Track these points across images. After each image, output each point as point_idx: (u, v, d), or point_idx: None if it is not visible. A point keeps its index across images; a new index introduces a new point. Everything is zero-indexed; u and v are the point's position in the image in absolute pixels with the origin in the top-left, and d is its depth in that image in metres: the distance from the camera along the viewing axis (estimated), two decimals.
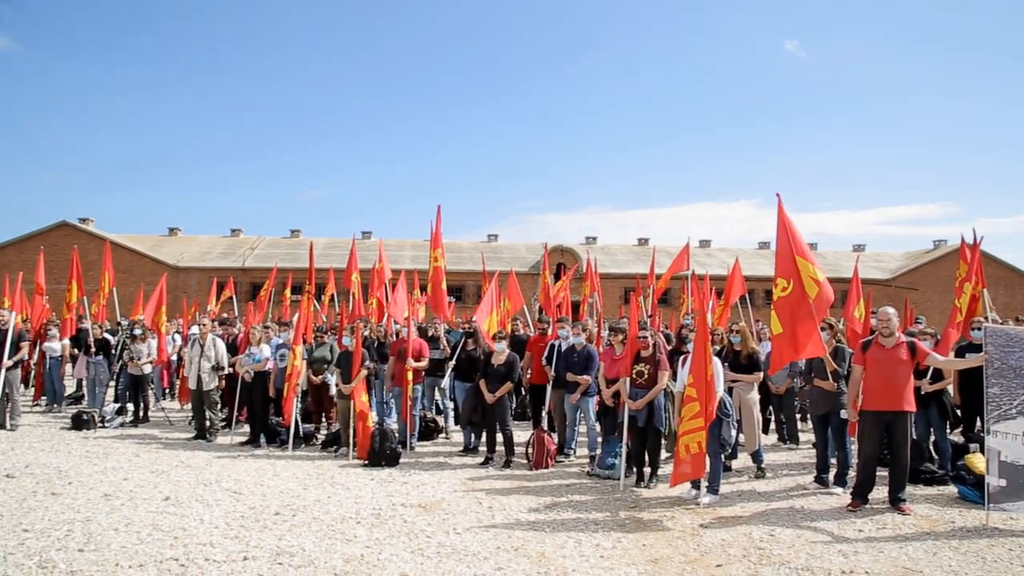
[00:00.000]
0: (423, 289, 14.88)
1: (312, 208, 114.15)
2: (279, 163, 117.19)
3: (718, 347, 8.63)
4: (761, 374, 8.40)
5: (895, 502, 6.76)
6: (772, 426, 10.89)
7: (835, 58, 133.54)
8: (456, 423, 10.91)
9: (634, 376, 7.76)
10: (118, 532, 5.86)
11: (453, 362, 10.06)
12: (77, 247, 17.77)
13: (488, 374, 8.95)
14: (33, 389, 14.80)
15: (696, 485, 7.12)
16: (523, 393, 11.68)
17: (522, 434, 10.02)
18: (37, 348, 13.58)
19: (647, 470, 7.89)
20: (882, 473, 7.03)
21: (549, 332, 10.25)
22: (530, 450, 8.82)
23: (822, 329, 8.00)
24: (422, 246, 43.67)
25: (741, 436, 8.21)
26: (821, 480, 7.71)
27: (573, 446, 9.53)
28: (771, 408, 10.64)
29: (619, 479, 7.81)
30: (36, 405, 14.04)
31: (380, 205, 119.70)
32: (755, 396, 8.33)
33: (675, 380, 7.91)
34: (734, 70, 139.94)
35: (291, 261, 41.02)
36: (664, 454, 8.26)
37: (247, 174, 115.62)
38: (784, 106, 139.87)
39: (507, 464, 8.73)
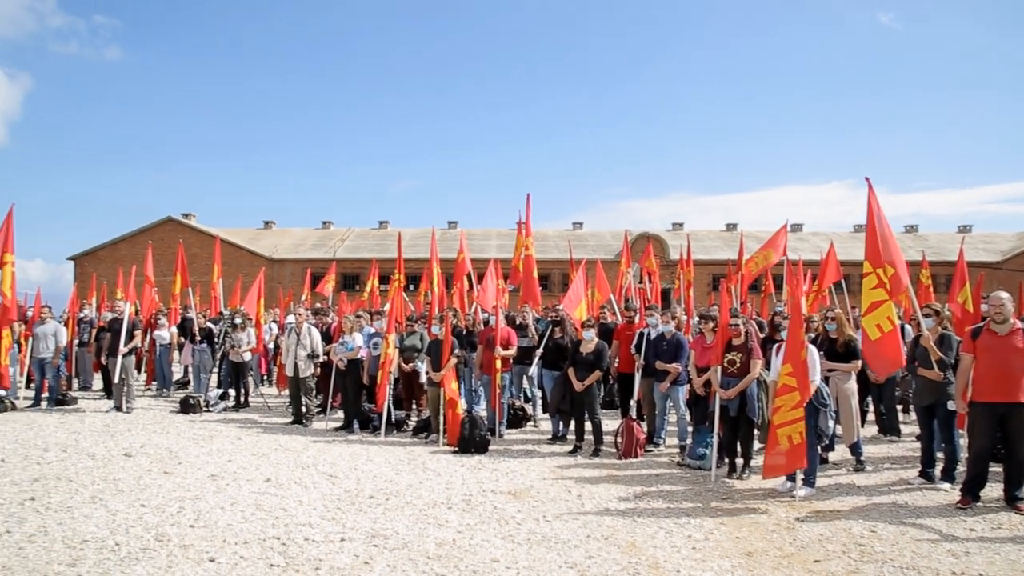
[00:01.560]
0: (506, 278, 14.92)
1: (400, 199, 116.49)
2: (368, 156, 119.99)
3: (812, 334, 8.35)
4: (859, 363, 8.04)
5: (1012, 500, 6.36)
6: (871, 417, 10.46)
7: (932, 30, 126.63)
8: (544, 411, 10.94)
9: (726, 364, 7.60)
10: (224, 510, 6.15)
11: (541, 350, 10.08)
12: (181, 241, 18.63)
13: (576, 362, 8.93)
14: (145, 375, 15.70)
15: (791, 478, 6.90)
16: (611, 382, 11.61)
17: (610, 423, 9.97)
18: (148, 337, 14.36)
19: (739, 461, 7.72)
20: (995, 469, 6.66)
21: (637, 320, 10.15)
22: (619, 439, 8.76)
23: (926, 315, 7.63)
24: (507, 235, 43.86)
25: (838, 427, 7.93)
26: (927, 475, 7.35)
27: (663, 435, 9.42)
28: (870, 398, 10.21)
29: (710, 470, 7.68)
30: (148, 390, 14.90)
31: (466, 195, 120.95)
32: (853, 386, 8.01)
33: (768, 369, 7.71)
34: (824, 44, 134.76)
35: (380, 252, 41.86)
36: (757, 445, 8.08)
37: (337, 167, 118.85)
38: (878, 81, 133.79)
39: (596, 453, 8.71)
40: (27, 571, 4.71)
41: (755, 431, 7.81)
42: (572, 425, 9.29)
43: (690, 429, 8.75)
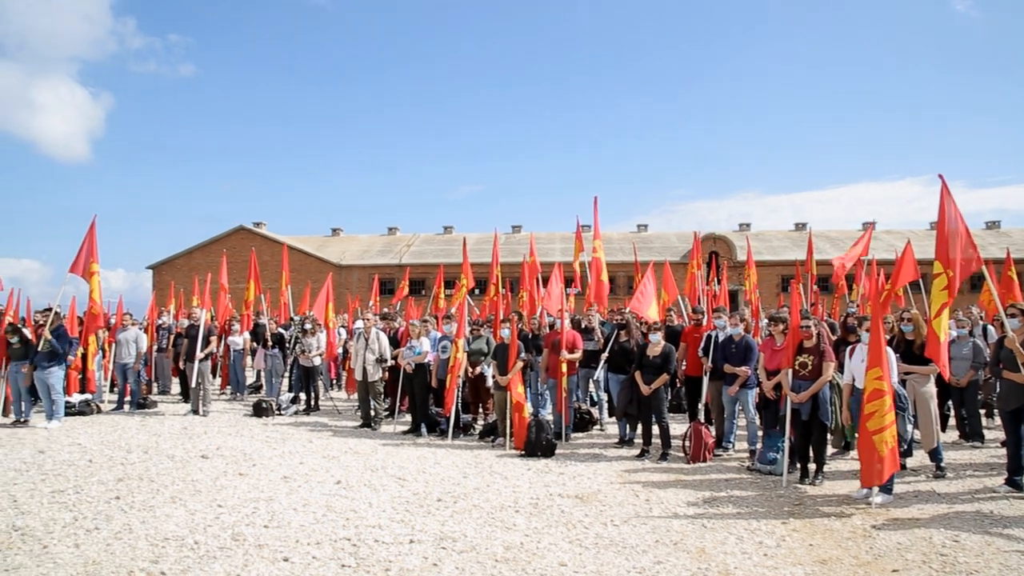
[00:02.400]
0: (569, 282, 14.87)
1: (464, 204, 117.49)
2: (432, 162, 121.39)
3: (887, 336, 8.07)
4: (937, 365, 7.75)
5: None
6: (952, 422, 10.05)
7: (1011, 16, 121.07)
8: (610, 415, 10.87)
9: (797, 367, 7.42)
10: (297, 512, 6.30)
11: (607, 354, 10.01)
12: (254, 249, 19.15)
13: (643, 365, 8.85)
14: (220, 379, 16.22)
15: None
16: (678, 385, 11.46)
17: (678, 427, 9.84)
18: (223, 342, 14.82)
19: (811, 466, 7.51)
20: None
21: (704, 322, 10.00)
22: (687, 443, 8.64)
23: (1011, 315, 7.30)
24: (571, 238, 43.72)
25: (916, 432, 7.65)
26: (1014, 483, 7.00)
27: (732, 440, 9.25)
28: (950, 402, 9.81)
29: (781, 475, 7.50)
30: (222, 393, 15.39)
31: (529, 199, 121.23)
32: (932, 389, 7.71)
33: (841, 372, 7.49)
34: (896, 34, 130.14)
35: (445, 257, 42.28)
36: (830, 450, 7.84)
37: (402, 173, 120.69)
38: (955, 72, 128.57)
39: (663, 457, 8.61)
40: (114, 566, 4.92)
41: (828, 435, 7.60)
42: (639, 429, 9.21)
43: (760, 433, 8.56)
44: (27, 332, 11.46)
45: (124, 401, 13.18)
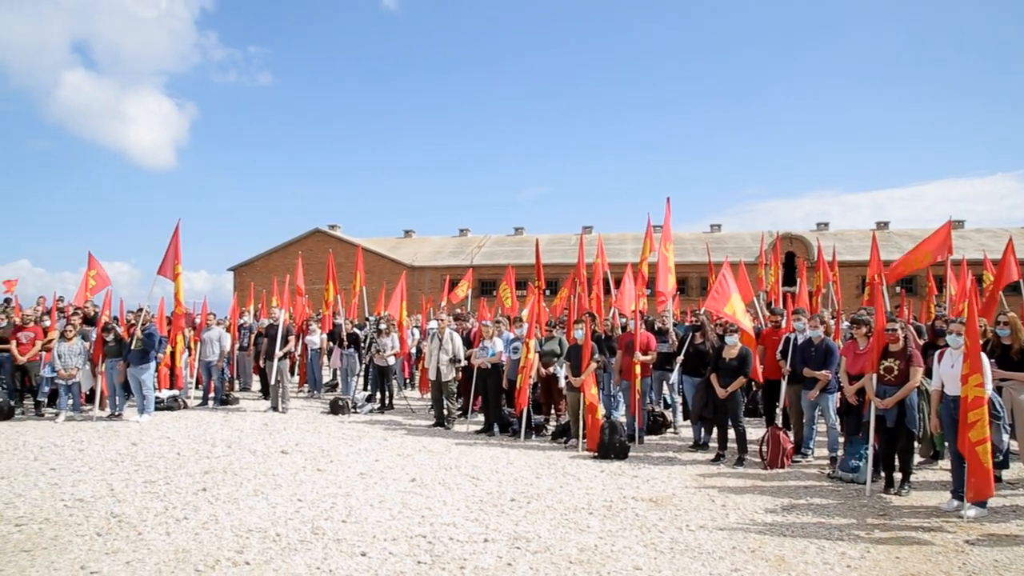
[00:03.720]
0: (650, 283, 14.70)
1: (534, 205, 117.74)
2: (502, 163, 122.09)
3: (981, 341, 7.70)
4: None
5: None
6: None
7: None
8: (684, 418, 10.71)
9: (882, 372, 7.15)
10: (373, 508, 6.42)
11: (682, 356, 9.87)
12: (331, 251, 19.59)
13: (719, 368, 8.70)
14: (298, 377, 16.67)
15: (958, 496, 6.41)
16: (754, 388, 11.20)
17: (754, 431, 9.64)
18: (300, 342, 15.22)
19: (897, 475, 7.24)
20: None
21: (783, 325, 9.76)
22: (764, 448, 8.45)
23: None
24: (643, 239, 43.32)
25: (1013, 443, 7.28)
26: None
27: (811, 446, 8.99)
28: None
29: (865, 484, 7.24)
30: (300, 391, 15.81)
31: (599, 199, 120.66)
32: None
33: (929, 377, 7.19)
34: (983, 22, 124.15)
35: (515, 258, 42.42)
36: (917, 459, 7.53)
37: (473, 176, 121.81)
38: None
39: (740, 462, 8.43)
40: (202, 555, 5.11)
41: (915, 444, 7.30)
42: (714, 432, 9.06)
43: (841, 440, 8.31)
44: (120, 331, 12.02)
45: (209, 397, 13.68)
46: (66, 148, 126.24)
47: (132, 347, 11.48)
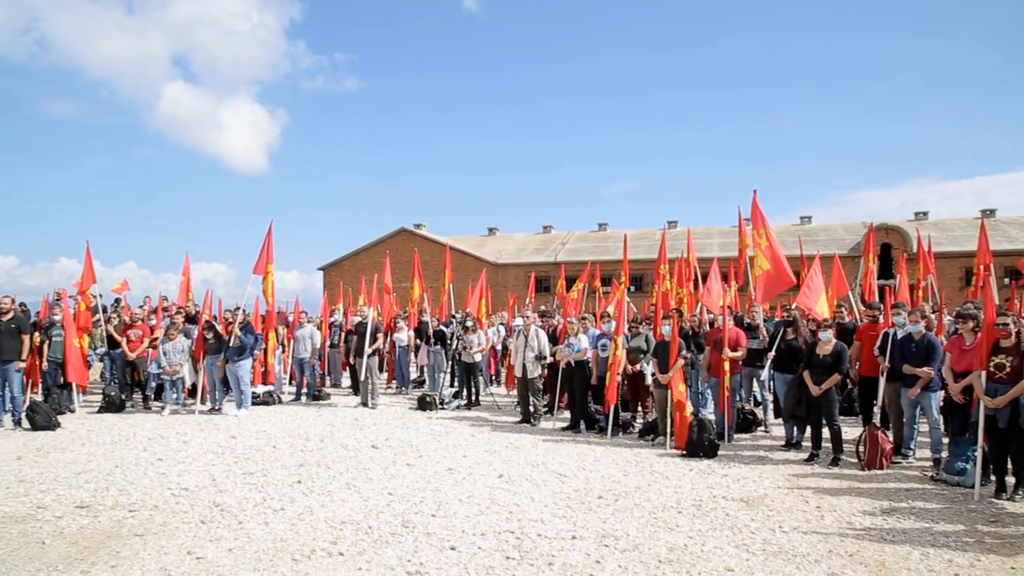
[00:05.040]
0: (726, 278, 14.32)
1: (618, 201, 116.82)
2: (585, 159, 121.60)
3: None
4: None
5: None
6: None
7: None
8: (776, 416, 10.42)
9: (992, 369, 6.76)
10: (462, 503, 6.50)
11: (773, 352, 9.60)
12: (417, 250, 19.94)
13: (813, 364, 8.42)
14: (386, 373, 17.03)
15: None
16: (849, 386, 10.81)
17: (849, 430, 9.30)
18: (388, 339, 15.55)
19: (1010, 479, 6.83)
20: None
21: (881, 320, 9.37)
22: (861, 448, 8.12)
23: None
24: (730, 232, 42.38)
25: None
26: None
27: (912, 446, 8.58)
28: None
29: (973, 487, 6.86)
30: (388, 388, 16.13)
31: (684, 193, 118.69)
32: None
33: None
34: None
35: (600, 254, 42.19)
36: None
37: (556, 173, 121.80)
38: None
39: (835, 462, 8.14)
40: (299, 544, 5.29)
41: None
42: (807, 431, 8.78)
43: (945, 440, 7.92)
44: (220, 329, 12.55)
45: (301, 393, 14.13)
46: (167, 156, 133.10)
47: (230, 344, 11.97)
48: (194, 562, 4.94)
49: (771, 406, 10.82)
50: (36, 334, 11.73)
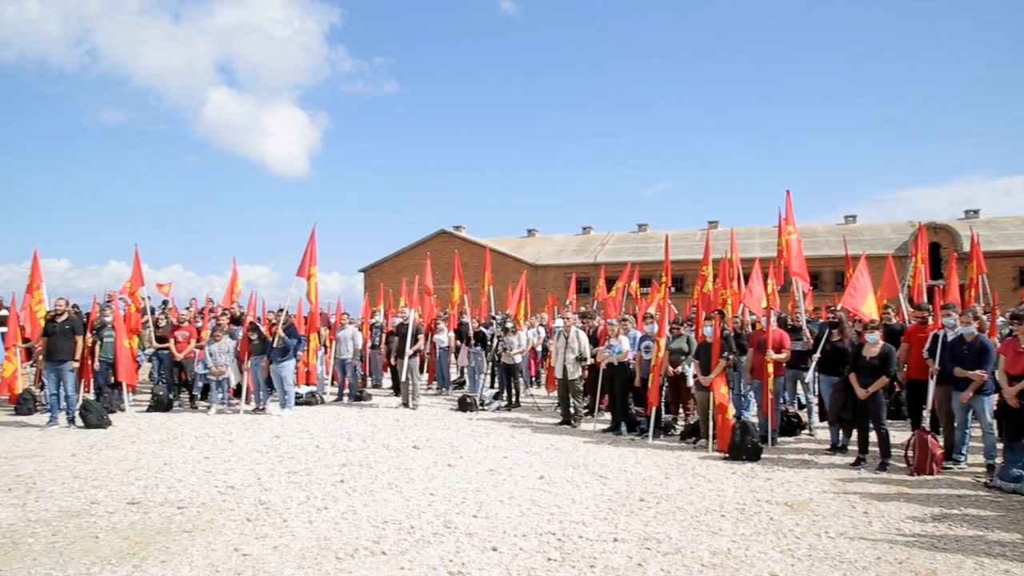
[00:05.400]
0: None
1: (657, 201, 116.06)
2: (624, 160, 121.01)
3: None
4: None
5: None
6: None
7: None
8: (821, 419, 10.24)
9: None
10: (503, 504, 6.51)
11: (818, 354, 9.44)
12: (457, 252, 20.02)
13: (859, 367, 8.25)
14: (426, 374, 17.14)
15: None
16: (897, 389, 10.56)
17: (897, 434, 9.10)
18: (429, 340, 15.64)
19: None
20: None
21: (930, 321, 9.15)
22: (910, 453, 7.94)
23: None
24: (771, 233, 41.75)
25: None
26: None
27: (964, 451, 8.35)
28: None
29: None
30: (429, 389, 16.22)
31: (726, 193, 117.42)
32: None
33: None
34: None
35: (639, 255, 41.91)
36: None
37: (594, 174, 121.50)
38: None
39: (882, 467, 7.97)
40: (342, 543, 5.35)
41: None
42: (853, 435, 8.60)
43: (999, 445, 7.69)
44: (264, 330, 12.76)
45: (343, 393, 14.29)
46: (212, 161, 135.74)
47: (274, 345, 12.16)
48: (241, 559, 5.03)
49: (816, 409, 10.65)
50: (88, 335, 12.06)
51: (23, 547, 5.32)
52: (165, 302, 16.77)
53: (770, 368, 9.27)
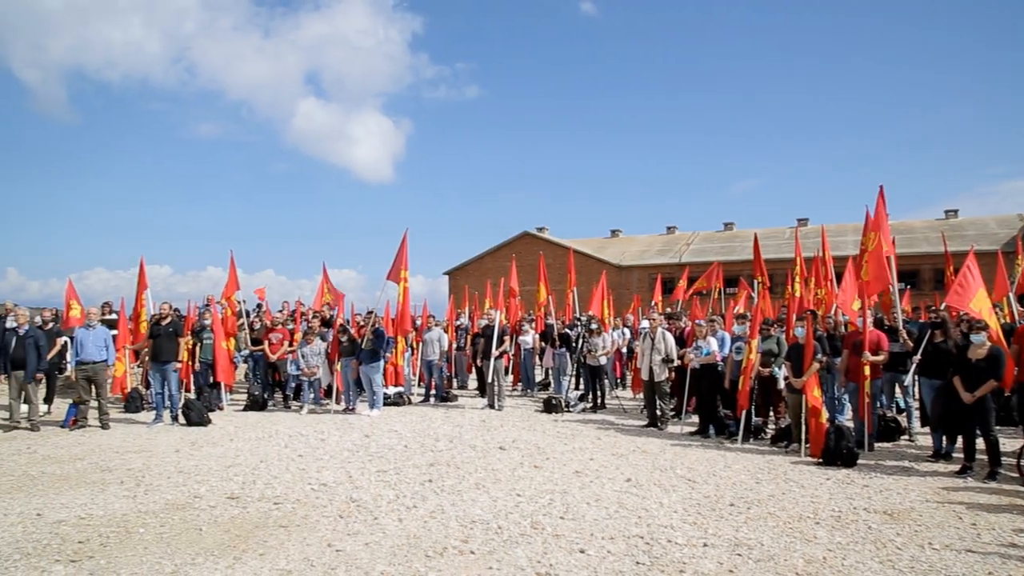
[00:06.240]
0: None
1: (744, 199, 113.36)
2: (709, 159, 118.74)
3: None
4: None
5: None
6: None
7: None
8: (922, 424, 9.79)
9: None
10: (590, 506, 6.48)
11: (918, 356, 9.02)
12: (542, 254, 20.04)
13: (964, 370, 7.84)
14: (511, 376, 17.23)
15: None
16: (1007, 394, 9.99)
17: (1007, 441, 8.61)
18: (513, 341, 15.72)
19: None
20: None
21: None
22: (1022, 462, 7.50)
23: None
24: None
25: None
26: None
27: None
28: None
29: None
30: (514, 390, 16.31)
31: (816, 190, 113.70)
32: None
33: None
34: None
35: (726, 254, 40.99)
36: None
37: (679, 173, 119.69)
38: None
39: (991, 476, 7.55)
40: (431, 541, 5.44)
41: None
42: (958, 442, 8.19)
43: None
44: (353, 332, 13.10)
45: (430, 394, 14.52)
46: (301, 169, 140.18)
47: (363, 347, 12.46)
48: (334, 554, 5.18)
49: (916, 413, 10.19)
50: (188, 337, 12.66)
51: (135, 536, 5.62)
52: (259, 305, 17.42)
53: (866, 370, 8.93)
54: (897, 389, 10.27)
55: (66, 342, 12.57)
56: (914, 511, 6.37)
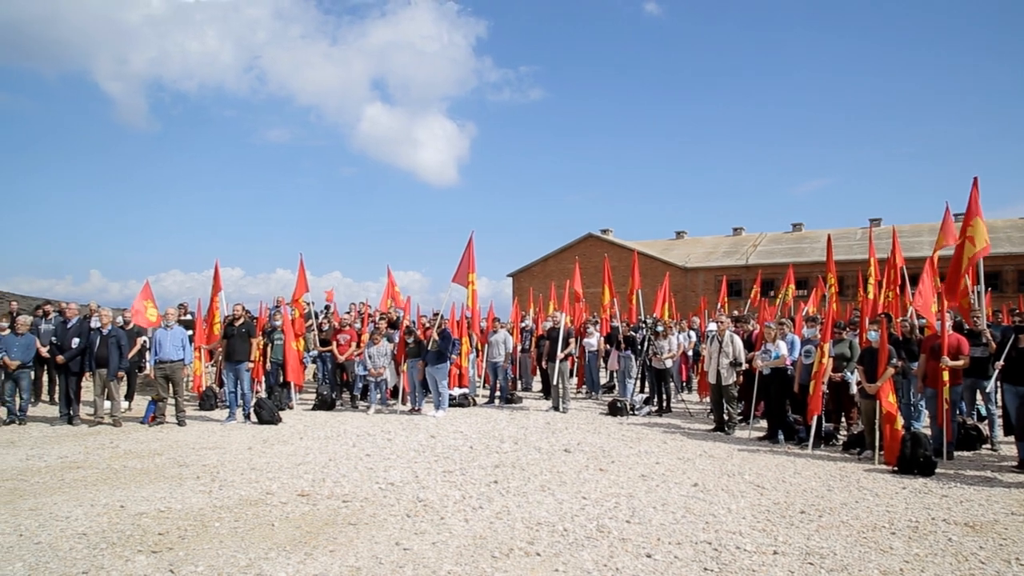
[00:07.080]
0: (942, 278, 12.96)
1: (812, 199, 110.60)
2: (777, 159, 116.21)
3: None
4: None
5: None
6: None
7: None
8: (1006, 433, 9.39)
9: None
10: (656, 510, 6.42)
11: (1002, 361, 8.65)
12: (607, 256, 19.95)
13: None
14: (576, 378, 17.21)
15: None
16: None
17: None
18: (578, 344, 15.69)
19: None
20: None
21: None
22: None
23: None
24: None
25: None
26: None
27: None
28: None
29: None
30: (578, 393, 16.28)
31: (888, 189, 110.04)
32: None
33: None
34: None
35: (794, 256, 40.09)
36: None
37: (745, 172, 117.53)
38: None
39: None
40: (497, 542, 5.47)
41: None
42: None
43: None
44: (419, 334, 13.28)
45: (495, 396, 14.60)
46: (367, 172, 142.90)
47: (429, 348, 12.62)
48: (402, 553, 5.26)
49: (999, 421, 9.77)
50: (260, 338, 13.03)
51: (211, 530, 5.82)
52: (327, 307, 17.81)
53: (945, 376, 8.61)
54: (978, 396, 9.87)
55: (146, 341, 13.08)
56: (998, 523, 6.12)
